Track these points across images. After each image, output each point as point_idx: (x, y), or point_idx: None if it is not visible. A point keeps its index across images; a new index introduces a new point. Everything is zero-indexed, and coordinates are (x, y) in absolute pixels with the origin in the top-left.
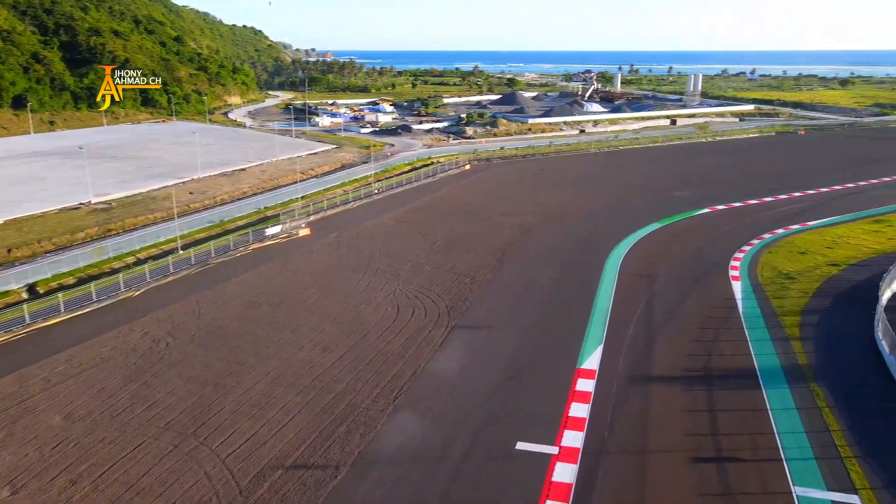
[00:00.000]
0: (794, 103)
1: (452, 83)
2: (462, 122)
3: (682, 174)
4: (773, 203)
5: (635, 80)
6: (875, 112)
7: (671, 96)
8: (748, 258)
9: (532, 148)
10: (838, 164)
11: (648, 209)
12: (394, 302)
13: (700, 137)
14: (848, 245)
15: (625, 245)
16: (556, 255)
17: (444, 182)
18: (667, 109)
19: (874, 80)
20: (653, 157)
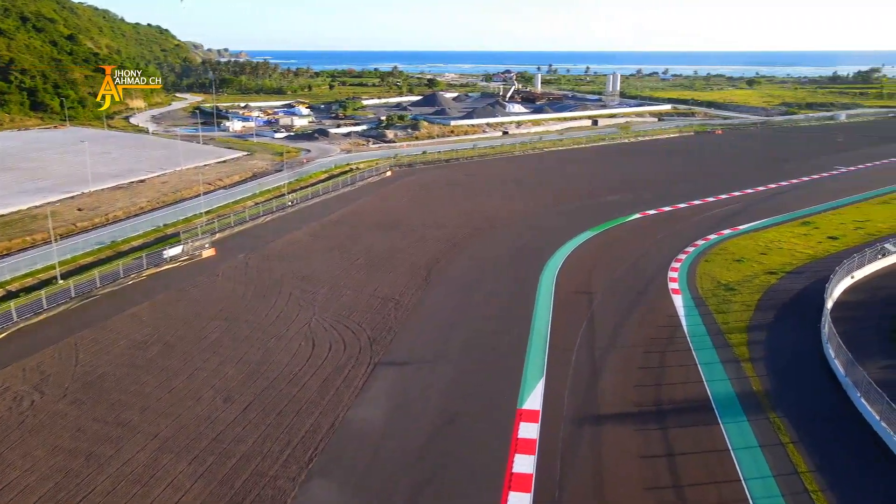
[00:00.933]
0: (707, 103)
1: (371, 84)
2: (382, 125)
3: (611, 177)
4: (702, 206)
5: (554, 80)
6: (783, 111)
7: (590, 96)
8: (685, 268)
9: (456, 151)
10: (758, 164)
11: (580, 216)
12: (308, 335)
13: (623, 138)
14: (781, 251)
15: (559, 257)
16: (487, 271)
17: (364, 191)
18: (588, 110)
19: (777, 80)
20: (579, 158)
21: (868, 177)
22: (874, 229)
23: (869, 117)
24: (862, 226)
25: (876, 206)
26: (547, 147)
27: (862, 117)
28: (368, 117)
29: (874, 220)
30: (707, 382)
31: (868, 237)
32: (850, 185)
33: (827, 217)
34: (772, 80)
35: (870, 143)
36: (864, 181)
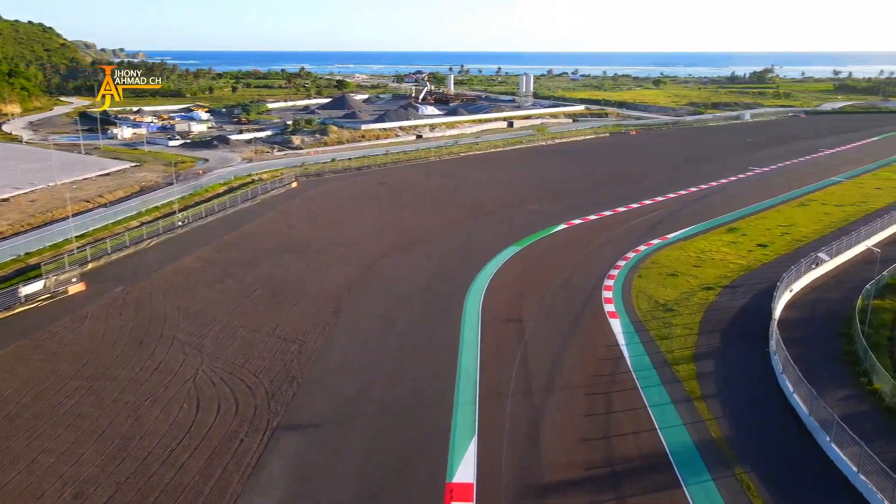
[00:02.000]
0: (619, 103)
1: (278, 86)
2: (288, 130)
3: (531, 183)
4: (628, 214)
5: (466, 80)
6: (691, 111)
7: (504, 97)
8: (620, 285)
9: (367, 158)
10: (676, 165)
11: (502, 228)
12: (193, 393)
13: (540, 140)
14: (714, 262)
15: (483, 278)
16: (405, 299)
17: (267, 205)
18: (502, 111)
19: (680, 80)
20: (496, 163)
21: (781, 178)
22: (800, 235)
23: (770, 116)
24: (787, 231)
25: (796, 210)
26: (463, 151)
27: (764, 116)
28: (274, 122)
29: (797, 224)
30: (661, 430)
31: (796, 243)
32: (767, 186)
33: (752, 222)
34: (675, 80)
35: (776, 142)
36: (779, 182)
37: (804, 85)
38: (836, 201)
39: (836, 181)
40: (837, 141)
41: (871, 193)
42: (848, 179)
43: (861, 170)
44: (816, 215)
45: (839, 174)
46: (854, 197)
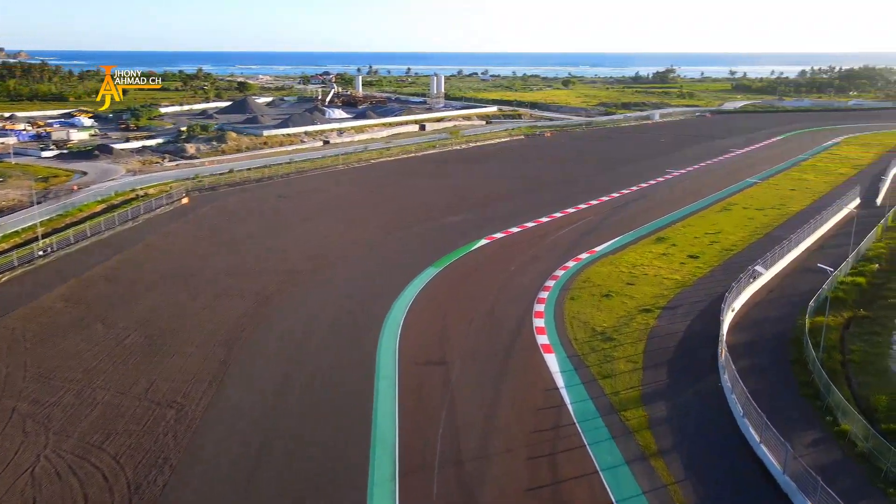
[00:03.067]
0: (531, 103)
1: (174, 88)
2: (182, 138)
3: (447, 192)
4: (552, 224)
5: (375, 81)
6: (602, 111)
7: (414, 98)
8: (551, 311)
9: (269, 167)
10: (596, 169)
11: (419, 245)
12: (28, 492)
13: (454, 144)
14: (647, 278)
15: (399, 310)
16: (309, 340)
17: (151, 226)
18: (414, 114)
19: (587, 80)
20: (410, 170)
21: (699, 180)
22: (728, 243)
23: (679, 116)
24: (716, 239)
25: (720, 215)
26: (374, 158)
27: (673, 116)
28: (167, 128)
29: (724, 230)
30: None
31: (726, 253)
32: (687, 190)
33: (679, 230)
34: (583, 81)
35: (689, 143)
36: (698, 185)
37: (704, 85)
38: (756, 205)
39: (752, 182)
40: (745, 141)
41: (788, 196)
42: (763, 181)
43: (773, 170)
44: (741, 221)
45: (753, 175)
46: (772, 200)
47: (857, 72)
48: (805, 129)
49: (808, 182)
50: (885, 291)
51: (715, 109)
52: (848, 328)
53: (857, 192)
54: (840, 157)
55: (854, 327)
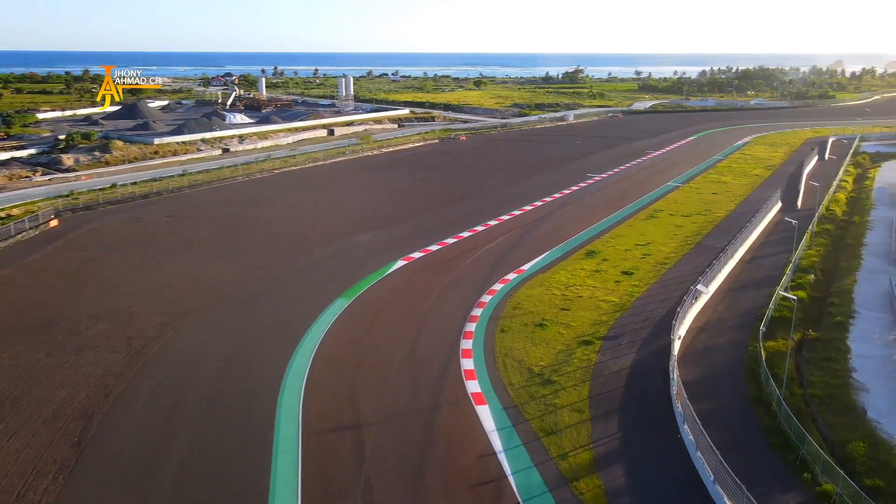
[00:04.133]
0: (444, 105)
1: (58, 91)
2: (59, 147)
3: (358, 205)
4: (473, 240)
5: (281, 83)
6: (516, 112)
7: (323, 101)
8: (480, 347)
9: (159, 181)
10: (514, 175)
11: (325, 272)
12: None
13: (365, 150)
14: (582, 301)
15: (304, 355)
16: (188, 404)
17: (7, 258)
18: (322, 117)
19: (499, 81)
20: (317, 181)
21: (621, 185)
22: (661, 256)
23: (592, 117)
24: (648, 251)
25: (647, 224)
26: (277, 167)
27: (587, 117)
28: (43, 136)
29: (655, 241)
30: None
31: (660, 267)
32: (610, 196)
33: (608, 242)
34: (494, 81)
35: (605, 145)
36: (620, 191)
37: (612, 85)
38: (682, 211)
39: (673, 186)
40: (660, 142)
41: (711, 200)
42: (684, 184)
43: (692, 172)
44: (669, 229)
45: (674, 178)
46: (697, 205)
47: (753, 72)
48: (714, 129)
49: (728, 185)
50: (828, 307)
51: (626, 110)
52: (800, 351)
53: (778, 195)
54: (752, 157)
55: (807, 351)
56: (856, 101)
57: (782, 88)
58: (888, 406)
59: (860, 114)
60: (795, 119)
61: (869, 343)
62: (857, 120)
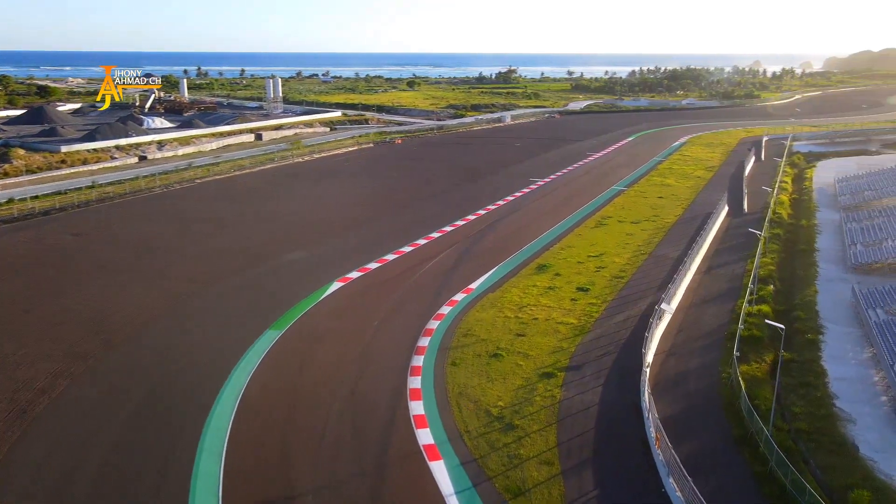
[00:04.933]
0: (377, 107)
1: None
2: None
3: (288, 218)
4: (415, 255)
5: (205, 84)
6: (451, 114)
7: (250, 103)
8: (430, 386)
9: (64, 194)
10: (454, 181)
11: (253, 298)
12: None
13: (296, 156)
14: (538, 324)
15: (226, 407)
16: (82, 478)
17: None
18: (249, 121)
19: (432, 81)
20: (243, 191)
21: (565, 190)
22: (616, 267)
23: (529, 118)
24: (601, 263)
25: (596, 232)
26: (200, 176)
27: (524, 118)
28: None
29: (607, 252)
30: None
31: (616, 282)
32: (556, 202)
33: (559, 255)
34: (427, 81)
35: (545, 147)
36: (565, 196)
37: (546, 85)
38: (630, 217)
39: (618, 190)
40: (599, 143)
41: (658, 205)
42: (628, 187)
43: (635, 175)
44: (620, 238)
45: (617, 182)
46: (645, 211)
47: (680, 72)
48: (650, 130)
49: (672, 188)
50: (794, 322)
51: (562, 110)
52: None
53: (725, 199)
54: (691, 158)
55: (783, 376)
56: (780, 101)
57: (710, 88)
58: (879, 439)
59: (792, 113)
60: (726, 119)
61: (844, 363)
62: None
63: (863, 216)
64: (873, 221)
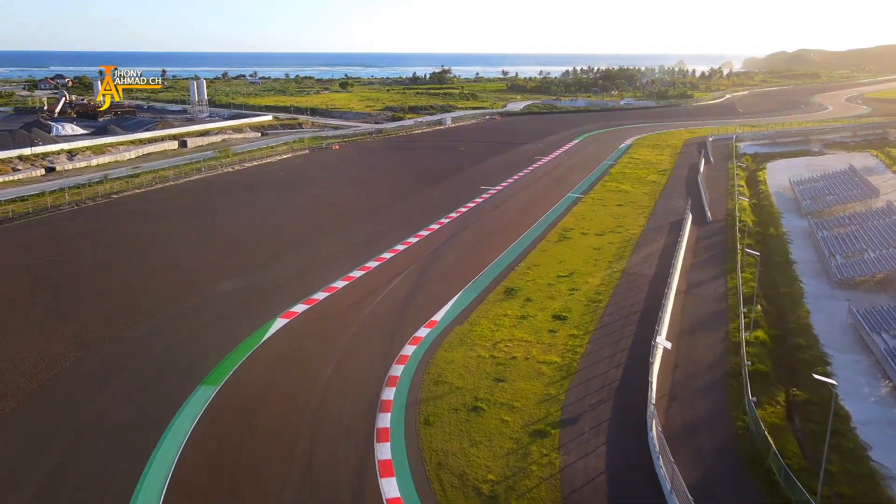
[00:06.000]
0: (310, 109)
1: None
2: None
3: (216, 240)
4: (367, 281)
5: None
6: (389, 116)
7: (172, 107)
8: (402, 455)
9: None
10: (400, 191)
11: (180, 343)
12: None
13: (225, 165)
14: (517, 365)
15: (150, 496)
16: None
17: None
18: (172, 127)
19: (364, 81)
20: (166, 208)
21: (520, 199)
22: (590, 289)
23: (470, 120)
24: (574, 285)
25: (562, 247)
26: (116, 190)
27: (464, 120)
28: None
29: (577, 271)
30: None
31: (594, 307)
32: (513, 214)
33: (526, 275)
34: (360, 82)
35: (491, 151)
36: (521, 206)
37: (481, 85)
38: (594, 229)
39: (575, 198)
40: (546, 146)
41: (620, 214)
42: (584, 194)
43: (588, 180)
44: (587, 253)
45: (572, 189)
46: (607, 221)
47: (614, 72)
48: (594, 132)
49: (630, 194)
50: (796, 351)
51: (502, 111)
52: (793, 420)
53: (689, 208)
54: (641, 161)
55: (801, 421)
56: (713, 101)
57: (645, 88)
58: None
59: (733, 113)
60: (666, 119)
61: (863, 402)
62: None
63: (832, 223)
64: (845, 230)
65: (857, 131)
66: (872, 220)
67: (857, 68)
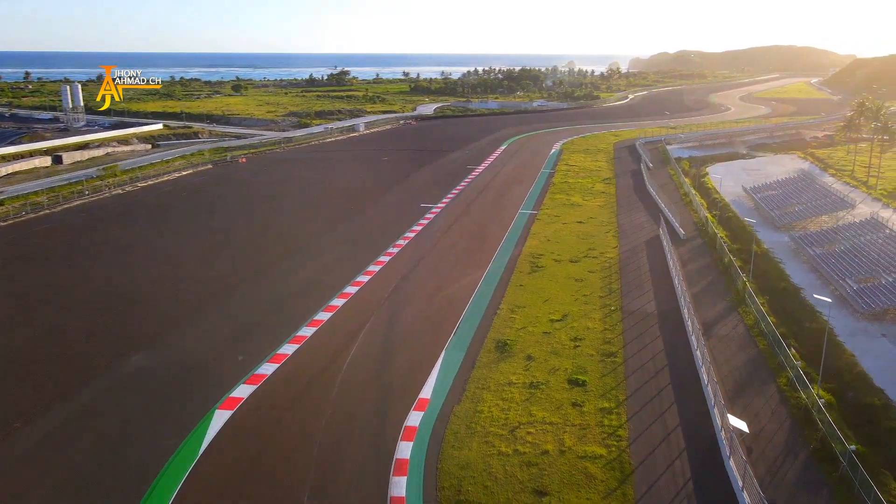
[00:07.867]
0: (207, 116)
1: None
2: None
3: (114, 294)
4: (322, 342)
5: None
6: (296, 122)
7: (41, 114)
8: None
9: None
10: (328, 218)
11: (78, 468)
12: None
13: (112, 186)
14: (554, 465)
15: None
16: None
17: None
18: (42, 138)
19: (258, 84)
20: (39, 246)
21: (470, 220)
22: (595, 338)
23: (384, 125)
24: (574, 333)
25: (537, 280)
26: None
27: (378, 125)
28: None
29: (569, 312)
30: None
31: (609, 362)
32: (466, 238)
33: (513, 323)
34: (254, 85)
35: (417, 161)
36: (473, 228)
37: (383, 87)
38: (565, 254)
39: (528, 214)
40: (473, 154)
41: (585, 233)
42: (537, 211)
43: (533, 192)
44: (569, 286)
45: (521, 204)
46: (574, 243)
47: (516, 73)
48: (518, 136)
49: (584, 208)
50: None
51: (414, 115)
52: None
53: (662, 225)
54: (580, 169)
55: None
56: (619, 102)
57: (551, 90)
58: None
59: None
60: (583, 121)
61: None
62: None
63: (817, 238)
64: (837, 247)
65: (773, 132)
66: (864, 235)
67: (735, 68)
